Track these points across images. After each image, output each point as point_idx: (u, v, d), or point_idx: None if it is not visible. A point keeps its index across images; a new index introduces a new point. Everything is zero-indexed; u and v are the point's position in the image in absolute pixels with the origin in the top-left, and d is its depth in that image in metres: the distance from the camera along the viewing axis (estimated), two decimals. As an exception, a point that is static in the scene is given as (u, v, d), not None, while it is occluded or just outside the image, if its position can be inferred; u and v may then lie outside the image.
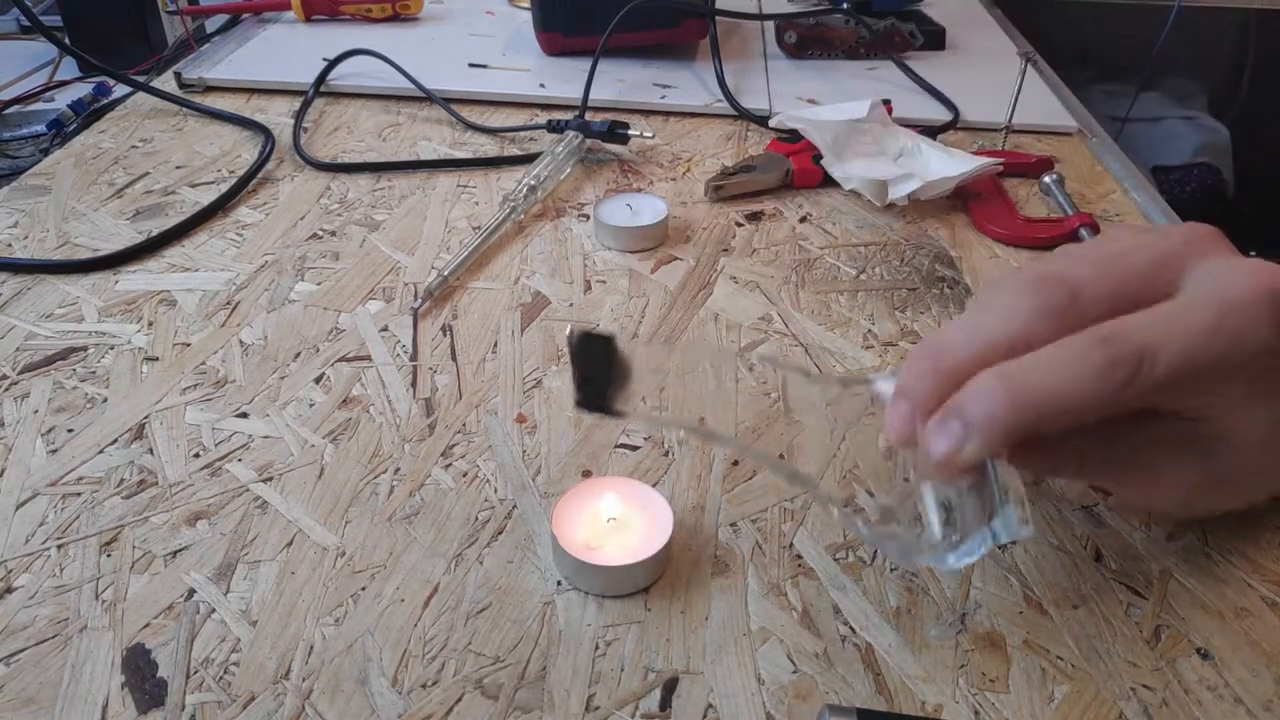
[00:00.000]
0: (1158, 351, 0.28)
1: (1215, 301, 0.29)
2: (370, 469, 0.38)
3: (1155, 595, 0.34)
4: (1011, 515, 0.27)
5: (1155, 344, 0.28)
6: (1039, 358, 0.28)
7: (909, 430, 0.30)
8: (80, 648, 0.31)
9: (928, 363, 0.30)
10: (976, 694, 0.30)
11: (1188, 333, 0.28)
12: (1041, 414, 0.28)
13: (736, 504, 0.37)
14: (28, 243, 0.52)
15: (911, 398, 0.30)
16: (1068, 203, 0.58)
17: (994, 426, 0.28)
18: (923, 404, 0.30)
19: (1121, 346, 0.27)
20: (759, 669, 0.31)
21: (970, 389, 0.29)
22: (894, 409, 0.31)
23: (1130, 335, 0.28)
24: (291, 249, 0.52)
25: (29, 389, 0.42)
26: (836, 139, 0.59)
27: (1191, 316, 0.29)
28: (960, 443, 0.28)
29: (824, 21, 0.80)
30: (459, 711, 0.29)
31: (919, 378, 0.30)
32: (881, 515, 0.35)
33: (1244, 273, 0.29)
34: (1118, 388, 0.27)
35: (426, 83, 0.71)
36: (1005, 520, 0.28)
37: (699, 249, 0.54)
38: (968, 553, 0.29)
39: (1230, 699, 0.30)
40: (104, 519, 0.35)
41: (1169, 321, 0.29)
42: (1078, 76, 1.09)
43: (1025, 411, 0.28)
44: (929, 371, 0.30)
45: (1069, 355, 0.28)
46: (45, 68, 0.85)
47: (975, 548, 0.29)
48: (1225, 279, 0.29)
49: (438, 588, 0.33)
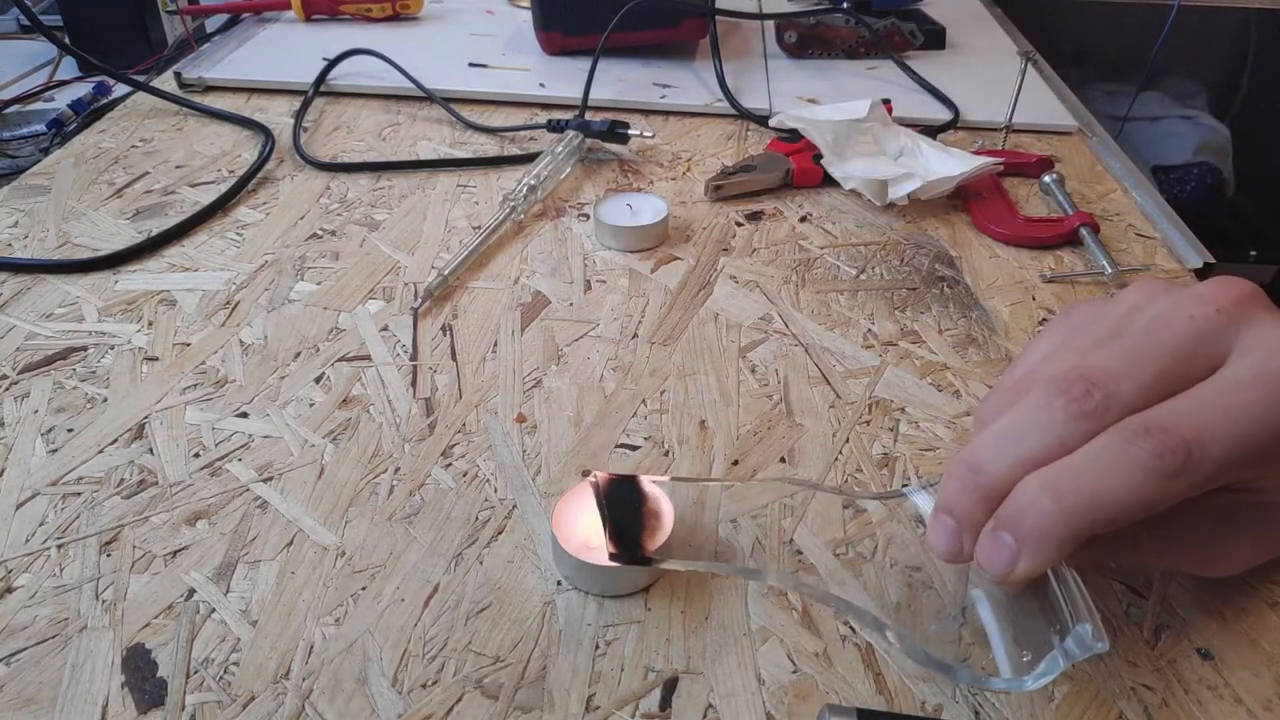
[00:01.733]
0: (1206, 441, 0.26)
1: (1261, 380, 0.27)
2: (370, 469, 0.38)
3: (1155, 595, 0.33)
4: (1085, 633, 0.26)
5: (1203, 433, 0.26)
6: (1080, 459, 0.27)
7: (956, 546, 0.29)
8: (80, 648, 0.31)
9: (968, 478, 0.28)
10: (977, 694, 0.30)
11: (1236, 419, 0.27)
12: (1092, 518, 0.26)
13: (737, 501, 0.37)
14: (28, 242, 0.52)
15: (955, 514, 0.29)
16: (1068, 202, 0.58)
17: (1046, 538, 0.26)
18: (968, 520, 0.29)
19: (1165, 439, 0.26)
20: (759, 669, 0.31)
21: (1017, 501, 0.27)
22: (937, 525, 0.29)
23: (1173, 425, 0.26)
24: (291, 249, 0.52)
25: (29, 389, 0.42)
26: (836, 139, 0.59)
27: (1239, 398, 0.27)
28: (1015, 558, 0.27)
29: (824, 21, 0.80)
30: (459, 711, 0.29)
31: (960, 493, 0.29)
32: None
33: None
34: (1167, 481, 0.26)
35: (426, 82, 0.71)
36: (1079, 638, 0.26)
37: (699, 249, 0.54)
38: (1044, 674, 0.28)
39: (1230, 699, 0.30)
40: (104, 519, 0.35)
41: (1214, 406, 0.27)
42: (1078, 76, 1.09)
43: (1075, 519, 0.26)
44: (971, 486, 0.28)
45: (1110, 453, 0.26)
46: (45, 67, 0.85)
47: (1051, 668, 0.27)
48: (1271, 352, 0.28)
49: (438, 588, 0.33)
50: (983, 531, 0.28)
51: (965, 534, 0.29)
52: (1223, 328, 0.29)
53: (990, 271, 0.53)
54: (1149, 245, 0.56)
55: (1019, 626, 0.29)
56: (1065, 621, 0.27)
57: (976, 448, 0.29)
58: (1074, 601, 0.27)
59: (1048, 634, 0.28)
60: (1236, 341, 0.28)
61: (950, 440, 0.40)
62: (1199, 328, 0.29)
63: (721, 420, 0.41)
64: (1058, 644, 0.27)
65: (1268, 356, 0.28)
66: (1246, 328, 0.29)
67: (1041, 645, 0.28)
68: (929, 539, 0.30)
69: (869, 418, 0.41)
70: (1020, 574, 0.27)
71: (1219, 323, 0.29)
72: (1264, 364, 0.27)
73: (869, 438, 0.40)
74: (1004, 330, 0.48)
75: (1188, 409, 0.27)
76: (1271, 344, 0.28)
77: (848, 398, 0.43)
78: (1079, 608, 0.27)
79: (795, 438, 0.40)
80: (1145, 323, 0.30)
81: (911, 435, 0.41)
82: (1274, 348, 0.28)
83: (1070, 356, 0.30)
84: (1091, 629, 0.26)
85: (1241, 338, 0.28)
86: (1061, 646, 0.27)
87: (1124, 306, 0.31)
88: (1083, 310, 0.32)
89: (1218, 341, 0.29)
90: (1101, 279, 0.52)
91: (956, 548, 0.29)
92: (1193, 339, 0.29)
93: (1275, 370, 0.27)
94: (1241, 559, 0.31)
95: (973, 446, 0.29)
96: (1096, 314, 0.32)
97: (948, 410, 0.42)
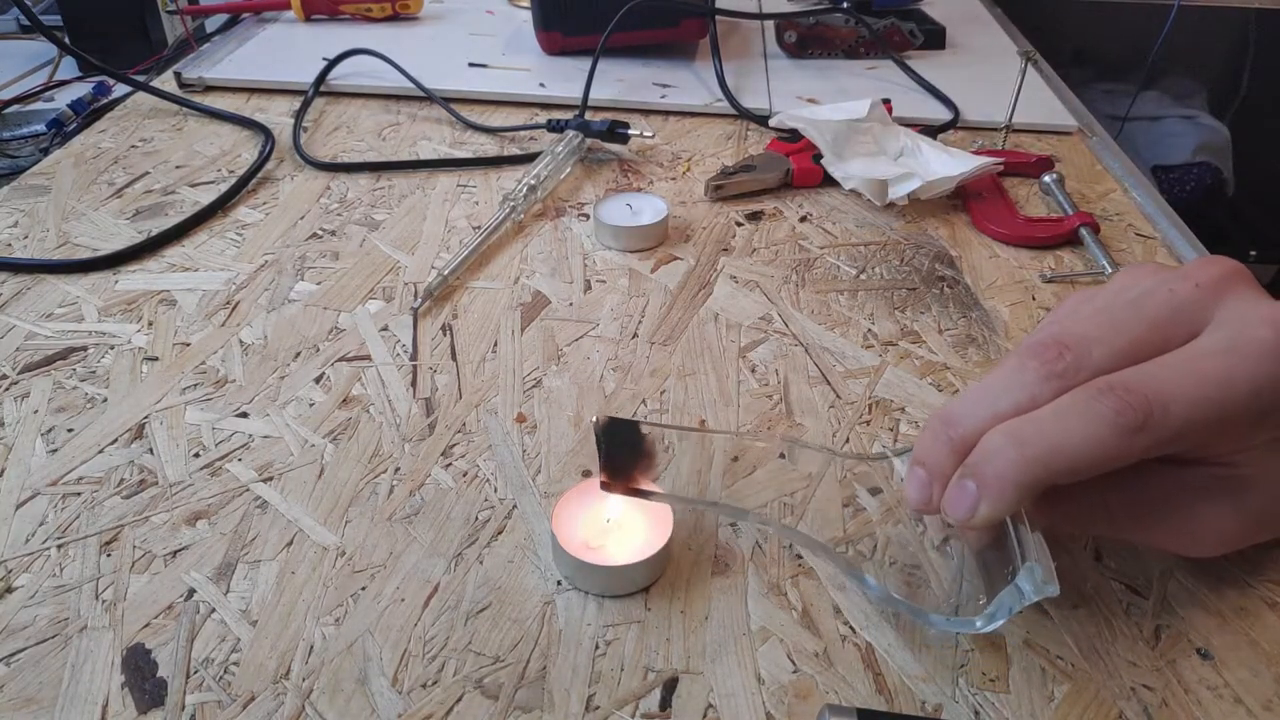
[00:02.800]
0: (1169, 401, 0.27)
1: (1232, 348, 0.28)
2: (370, 469, 0.38)
3: (1155, 595, 0.33)
4: (1036, 572, 0.27)
5: (1165, 393, 0.27)
6: (1045, 412, 0.28)
7: (926, 496, 0.30)
8: (80, 648, 0.31)
9: (940, 431, 0.30)
10: (976, 694, 0.30)
11: (1201, 381, 0.27)
12: (1051, 468, 0.27)
13: (736, 498, 0.37)
14: (28, 242, 0.52)
15: (927, 465, 0.30)
16: (1068, 202, 0.58)
17: (1005, 484, 0.27)
18: (939, 470, 0.30)
19: (1127, 395, 0.27)
20: (759, 669, 0.31)
21: (981, 449, 0.28)
22: (911, 477, 0.31)
23: (1137, 385, 0.27)
24: (291, 249, 0.52)
25: (29, 389, 0.42)
26: (836, 138, 0.59)
27: (1204, 364, 0.28)
28: (976, 503, 0.28)
29: (824, 21, 0.80)
30: (459, 711, 0.29)
31: (933, 445, 0.30)
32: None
33: (1264, 318, 0.28)
34: (1127, 437, 0.27)
35: (426, 82, 0.71)
36: (1030, 578, 0.27)
37: (699, 249, 0.54)
38: (994, 615, 0.29)
39: (1230, 699, 0.30)
40: (104, 519, 0.35)
41: (1180, 369, 0.28)
42: (1078, 76, 1.09)
43: (1034, 466, 0.27)
44: (943, 439, 0.30)
45: (1074, 407, 0.27)
46: (45, 67, 0.85)
47: (1002, 610, 0.28)
48: (1243, 323, 0.28)
49: (438, 588, 0.33)
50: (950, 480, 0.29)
51: (936, 484, 0.30)
52: (1201, 301, 0.29)
53: (990, 271, 0.53)
54: (1149, 245, 0.56)
55: (981, 575, 0.30)
56: (1018, 565, 0.28)
57: (952, 405, 0.30)
58: (1028, 549, 0.28)
59: (1004, 579, 0.29)
60: (1214, 315, 0.29)
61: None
62: (1177, 300, 0.30)
63: (721, 420, 0.41)
64: (1009, 584, 0.28)
65: (1240, 327, 0.28)
66: (1224, 302, 0.29)
67: (997, 589, 0.29)
68: (904, 490, 0.31)
69: (869, 418, 0.41)
70: (980, 518, 0.28)
71: (1198, 296, 0.30)
72: (1237, 334, 0.28)
73: (869, 438, 0.40)
74: (1004, 330, 0.48)
75: (1154, 371, 0.28)
76: (1247, 317, 0.29)
77: (848, 398, 0.43)
78: (1031, 553, 0.28)
79: (795, 437, 0.40)
80: (1129, 297, 0.31)
81: (911, 435, 0.41)
82: (1247, 319, 0.29)
83: (1052, 328, 0.31)
84: (1042, 570, 0.27)
85: (1218, 311, 0.29)
86: (1013, 585, 0.28)
87: (1112, 287, 0.32)
88: (1075, 298, 0.34)
89: (1195, 314, 0.29)
90: (1102, 279, 0.52)
91: (927, 497, 0.30)
92: (1170, 310, 0.29)
93: (1246, 340, 0.28)
94: (1219, 537, 0.31)
95: (949, 404, 0.31)
96: (1086, 298, 0.33)
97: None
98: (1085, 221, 0.55)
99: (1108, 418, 0.27)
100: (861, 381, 0.44)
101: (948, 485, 0.29)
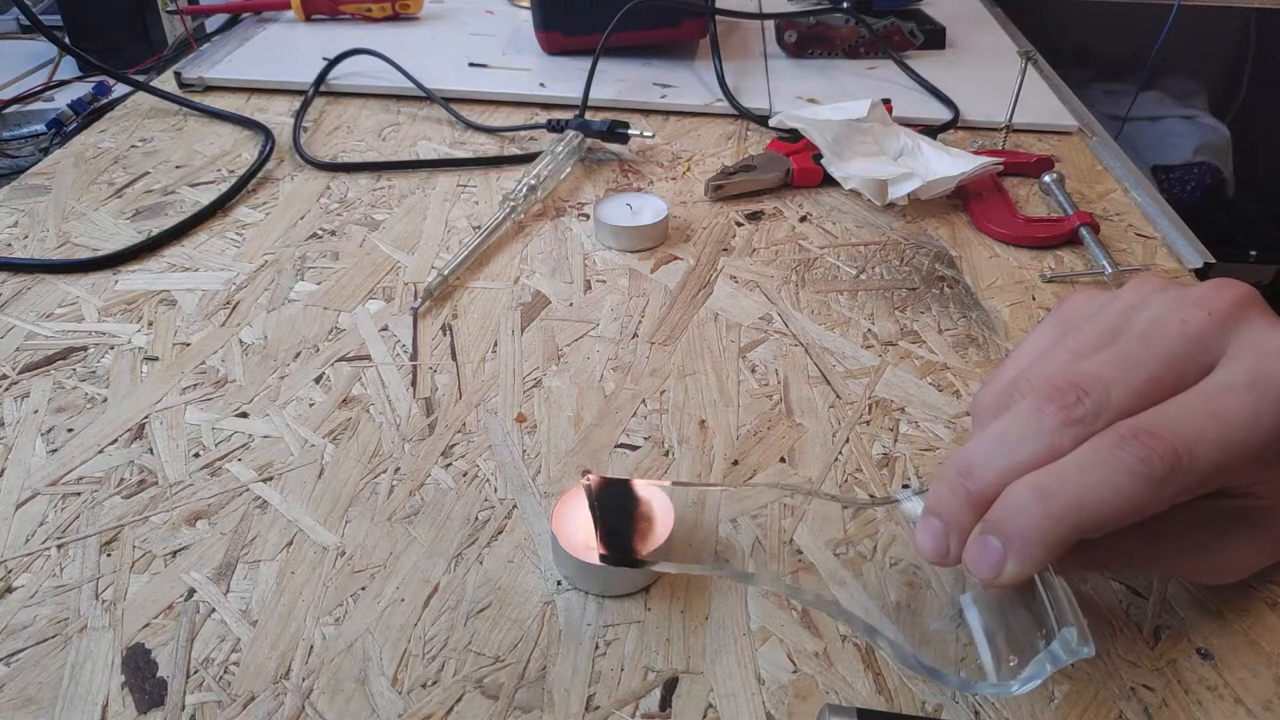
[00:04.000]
0: (1195, 446, 0.26)
1: (1252, 384, 0.27)
2: (370, 469, 0.38)
3: (1155, 595, 0.33)
4: (1070, 637, 0.26)
5: (1190, 437, 0.26)
6: (1069, 464, 0.27)
7: (943, 549, 0.29)
8: (80, 648, 0.31)
9: (958, 482, 0.29)
10: (977, 694, 0.30)
11: (1226, 423, 0.26)
12: (1080, 524, 0.26)
13: (737, 501, 0.37)
14: (28, 242, 0.52)
15: (944, 516, 0.29)
16: (1068, 202, 0.58)
17: (1031, 543, 0.26)
18: (955, 523, 0.29)
19: (1151, 442, 0.26)
20: (759, 669, 0.31)
21: (1005, 505, 0.27)
22: (926, 527, 0.29)
23: (1161, 430, 0.26)
24: (291, 248, 0.52)
25: (29, 389, 0.42)
26: (836, 138, 0.59)
27: (1228, 404, 0.27)
28: (1002, 561, 0.27)
29: (824, 21, 0.80)
30: (459, 711, 0.29)
31: (950, 495, 0.29)
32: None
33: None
34: (1154, 487, 0.26)
35: (426, 82, 0.71)
36: (1064, 643, 0.27)
37: (699, 248, 0.54)
38: (1030, 678, 0.28)
39: (1230, 699, 0.30)
40: (104, 519, 0.35)
41: (1203, 411, 0.27)
42: (1078, 76, 1.09)
43: (1062, 523, 0.26)
44: (960, 490, 0.28)
45: (1097, 458, 0.26)
46: (45, 67, 0.85)
47: (1037, 673, 0.27)
48: (1261, 355, 0.28)
49: (438, 588, 0.33)
50: (971, 535, 0.28)
51: (952, 536, 0.29)
52: (1215, 331, 0.29)
53: (990, 271, 0.53)
54: (1149, 245, 0.56)
55: (1007, 631, 0.29)
56: (1051, 626, 0.27)
57: (967, 452, 0.29)
58: (1060, 607, 0.27)
59: (1034, 638, 0.28)
60: (1229, 345, 0.28)
61: (950, 440, 0.40)
62: (1191, 332, 0.29)
63: (721, 420, 0.41)
64: (1043, 648, 0.27)
65: (1258, 360, 0.28)
66: (1239, 331, 0.29)
67: (1028, 650, 0.28)
68: (917, 540, 0.30)
69: (869, 418, 0.41)
70: (1007, 577, 0.27)
71: (1211, 326, 0.29)
72: (1255, 368, 0.27)
73: (869, 438, 0.40)
74: (1004, 330, 0.48)
75: (1176, 414, 0.27)
76: (1263, 347, 0.28)
77: (848, 398, 0.43)
78: (1065, 613, 0.27)
79: (795, 438, 0.40)
80: (1139, 327, 0.30)
81: (911, 435, 0.41)
82: (1265, 351, 0.28)
83: (1064, 357, 0.30)
84: (1077, 633, 0.26)
85: (1234, 341, 0.28)
86: (1047, 651, 0.27)
87: (1120, 305, 0.31)
88: (1078, 306, 0.32)
89: (1210, 345, 0.28)
90: (1101, 279, 0.52)
91: (943, 550, 0.29)
92: (1185, 344, 0.28)
93: (1265, 374, 0.27)
94: (1238, 566, 0.31)
95: (964, 451, 0.29)
96: (1092, 311, 0.32)
97: (948, 410, 0.42)
98: (1085, 221, 0.55)
99: (1135, 468, 0.26)
100: (861, 381, 0.44)
101: (965, 538, 0.28)
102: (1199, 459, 0.26)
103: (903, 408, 0.42)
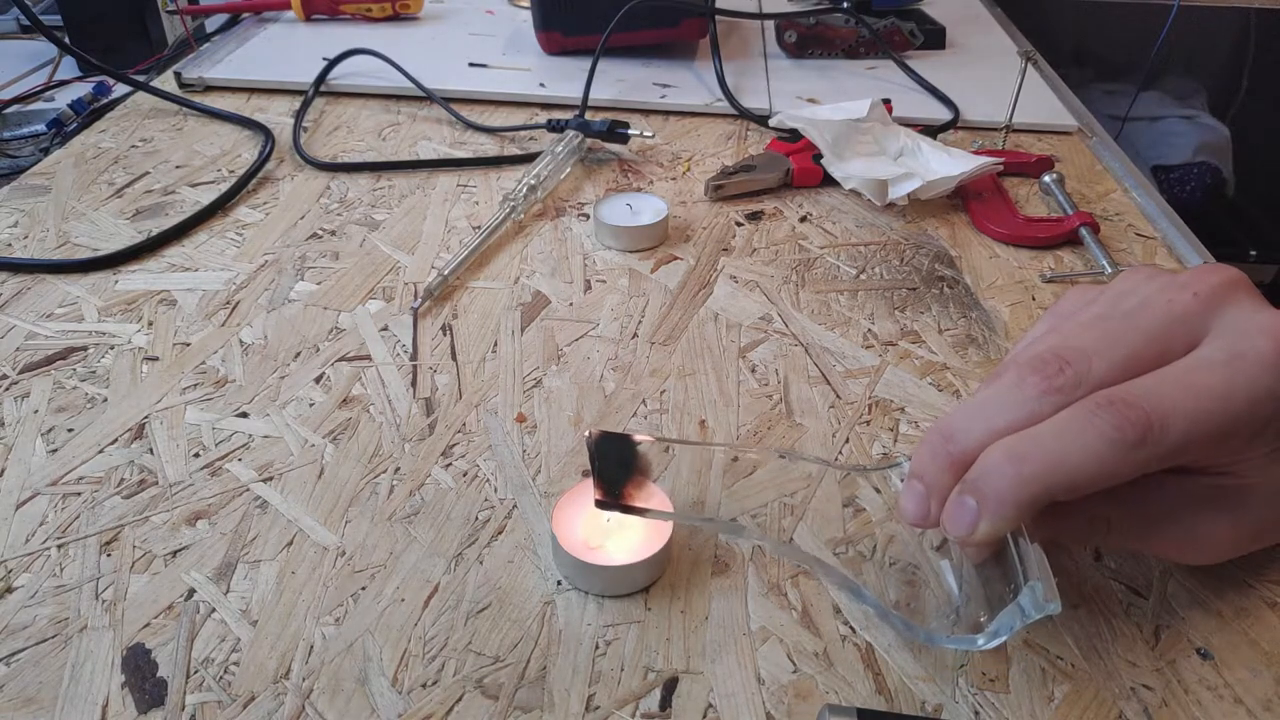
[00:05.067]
0: (1168, 415, 0.27)
1: (1230, 360, 0.28)
2: (370, 469, 0.38)
3: (1155, 595, 0.34)
4: (1037, 590, 0.27)
5: (1164, 408, 0.27)
6: (1044, 428, 0.28)
7: (924, 510, 0.30)
8: (80, 648, 0.31)
9: (940, 445, 0.30)
10: (976, 694, 0.30)
11: (1199, 395, 0.27)
12: (1050, 485, 0.27)
13: (736, 500, 0.37)
14: (28, 242, 0.52)
15: (925, 479, 0.30)
16: (1068, 202, 0.58)
17: (1005, 501, 0.27)
18: (936, 485, 0.29)
19: (1126, 410, 0.27)
20: (759, 669, 0.31)
21: (981, 466, 0.28)
22: (908, 490, 0.30)
23: (1136, 399, 0.27)
24: (291, 248, 0.52)
25: (29, 389, 0.42)
26: (836, 138, 0.59)
27: (1203, 377, 0.27)
28: (975, 520, 0.28)
29: (824, 21, 0.80)
30: (459, 711, 0.29)
31: (931, 459, 0.30)
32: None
33: (1263, 328, 0.28)
34: (1126, 453, 0.26)
35: (426, 82, 0.71)
36: (1032, 597, 0.27)
37: (699, 248, 0.54)
38: (996, 633, 0.28)
39: (1230, 699, 0.30)
40: (104, 519, 0.35)
41: (1179, 383, 0.27)
42: (1078, 76, 1.10)
43: (1033, 483, 0.27)
44: (942, 454, 0.29)
45: (1073, 423, 0.27)
46: (45, 67, 0.85)
47: (1004, 628, 0.28)
48: (1241, 334, 0.28)
49: (438, 588, 0.33)
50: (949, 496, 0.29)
51: (933, 499, 0.30)
52: (1199, 312, 0.29)
53: (990, 271, 0.53)
54: (1149, 245, 0.56)
55: (980, 590, 0.30)
56: (1019, 583, 0.28)
57: (950, 418, 0.30)
58: (1030, 566, 0.28)
59: (1005, 595, 0.28)
60: (1213, 325, 0.29)
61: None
62: (1176, 311, 0.29)
63: (721, 420, 0.41)
64: (1011, 603, 0.28)
65: (1238, 339, 0.28)
66: (1223, 312, 0.29)
67: (997, 605, 0.29)
68: (900, 504, 0.31)
69: (869, 418, 0.41)
70: (981, 536, 0.28)
71: (1195, 307, 0.29)
72: (1234, 346, 0.28)
73: (869, 438, 0.40)
74: (1004, 330, 0.48)
75: (1153, 385, 0.28)
76: (1244, 327, 0.29)
77: (848, 398, 0.43)
78: (1033, 571, 0.28)
79: (795, 437, 0.40)
80: (1126, 308, 0.31)
81: (911, 435, 0.41)
82: (1246, 330, 0.28)
83: (1051, 338, 0.31)
84: (1044, 587, 0.27)
85: (1218, 322, 0.29)
86: (1015, 604, 0.28)
87: (1111, 293, 0.32)
88: (1072, 298, 0.33)
89: (1194, 325, 0.29)
90: (1101, 279, 0.52)
91: (924, 511, 0.30)
92: (1168, 322, 0.29)
93: (1244, 351, 0.28)
94: (1220, 545, 0.31)
95: (947, 417, 0.30)
96: (1084, 300, 0.33)
97: (948, 410, 0.42)
98: (1085, 221, 0.55)
99: (1107, 434, 0.26)
100: (861, 381, 0.44)
101: (946, 500, 0.29)
102: (1171, 429, 0.27)
103: (903, 408, 0.42)
